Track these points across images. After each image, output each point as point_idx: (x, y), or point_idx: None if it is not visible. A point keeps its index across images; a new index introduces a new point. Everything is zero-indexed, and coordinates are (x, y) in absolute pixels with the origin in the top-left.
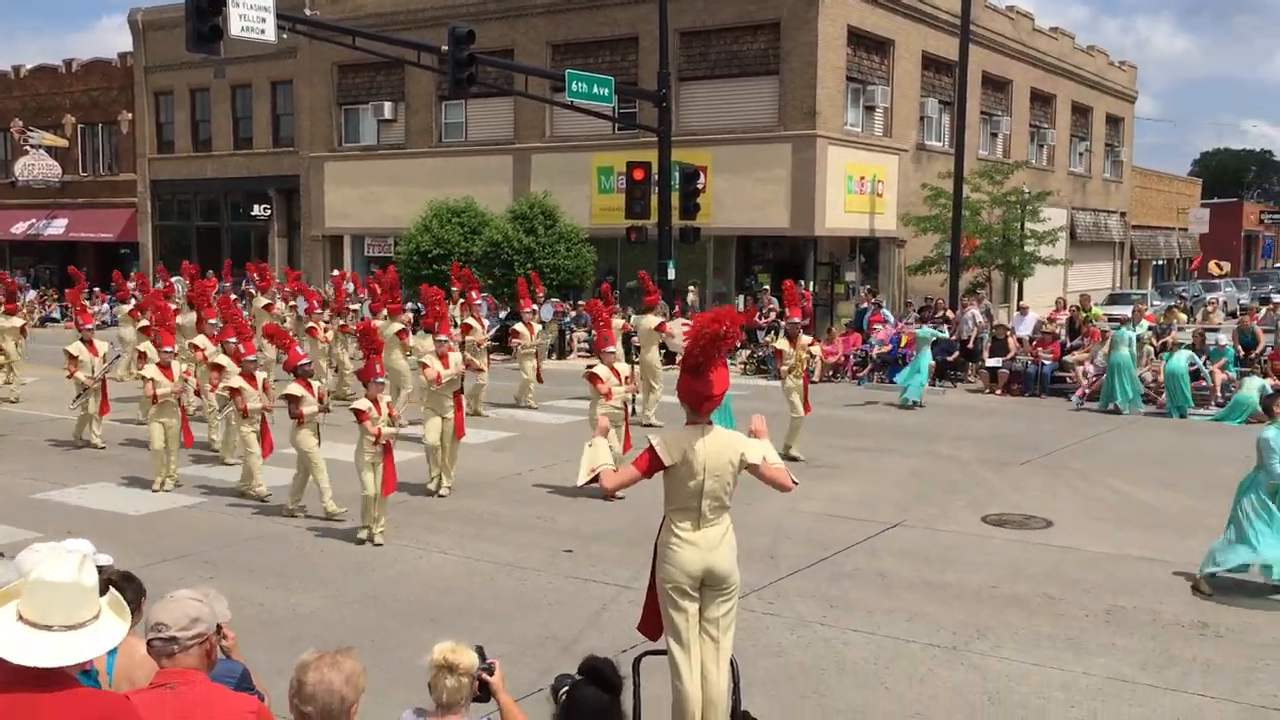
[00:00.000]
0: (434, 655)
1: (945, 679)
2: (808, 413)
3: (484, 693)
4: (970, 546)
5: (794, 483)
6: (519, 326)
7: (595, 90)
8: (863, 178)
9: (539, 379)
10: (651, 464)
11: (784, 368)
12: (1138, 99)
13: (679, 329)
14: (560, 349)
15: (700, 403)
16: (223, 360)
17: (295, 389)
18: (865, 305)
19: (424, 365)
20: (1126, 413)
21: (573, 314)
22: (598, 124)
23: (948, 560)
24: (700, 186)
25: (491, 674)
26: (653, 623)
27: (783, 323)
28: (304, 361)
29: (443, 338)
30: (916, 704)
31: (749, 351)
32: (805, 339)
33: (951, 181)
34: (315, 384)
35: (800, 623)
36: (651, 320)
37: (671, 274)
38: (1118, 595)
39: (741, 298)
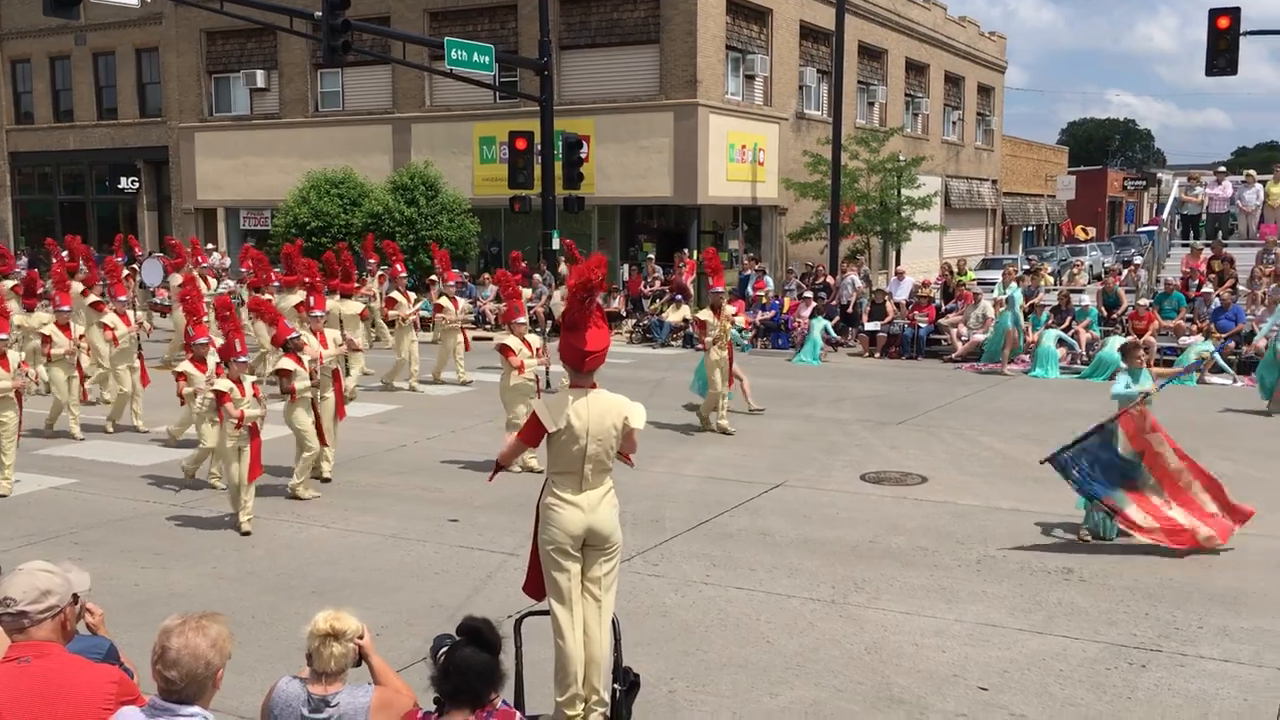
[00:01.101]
0: (316, 624)
1: (825, 631)
2: (730, 387)
3: (356, 657)
4: (849, 504)
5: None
6: (442, 301)
7: (475, 58)
8: (744, 146)
9: (467, 347)
10: (536, 431)
11: (708, 339)
12: (1007, 69)
13: (560, 297)
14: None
15: (580, 360)
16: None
17: (287, 363)
18: (748, 272)
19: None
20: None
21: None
22: (479, 93)
23: (828, 518)
24: (583, 156)
25: (362, 637)
26: (536, 584)
27: (702, 292)
28: (294, 335)
29: (318, 313)
30: (797, 656)
31: (634, 320)
32: (729, 309)
33: (830, 149)
34: (306, 358)
35: (685, 583)
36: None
37: (556, 244)
38: (988, 545)
39: (626, 267)
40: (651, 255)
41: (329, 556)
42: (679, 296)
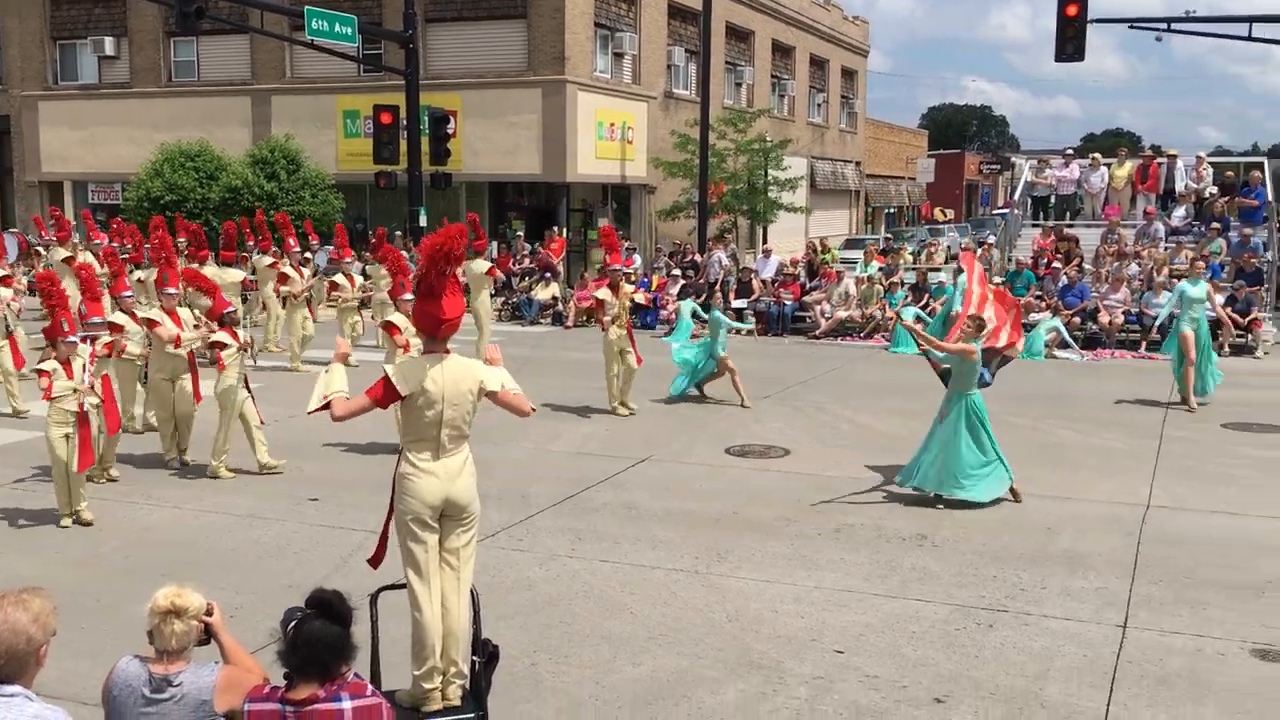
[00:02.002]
0: (156, 601)
1: (687, 600)
2: (640, 364)
3: (204, 635)
4: (714, 477)
5: (532, 409)
6: (338, 278)
7: (337, 29)
8: (613, 124)
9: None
10: (386, 393)
11: (607, 319)
12: (870, 54)
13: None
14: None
15: (436, 327)
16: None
17: (223, 337)
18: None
19: (152, 322)
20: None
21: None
22: (342, 65)
23: (692, 490)
24: (451, 131)
25: (210, 614)
26: (382, 554)
27: (604, 270)
28: (230, 309)
29: (171, 290)
30: (660, 625)
31: (503, 298)
32: (628, 287)
33: (698, 129)
34: (242, 332)
35: (550, 556)
36: (482, 265)
37: (423, 221)
38: (847, 514)
39: (495, 245)
40: (520, 233)
41: (182, 538)
42: (548, 274)
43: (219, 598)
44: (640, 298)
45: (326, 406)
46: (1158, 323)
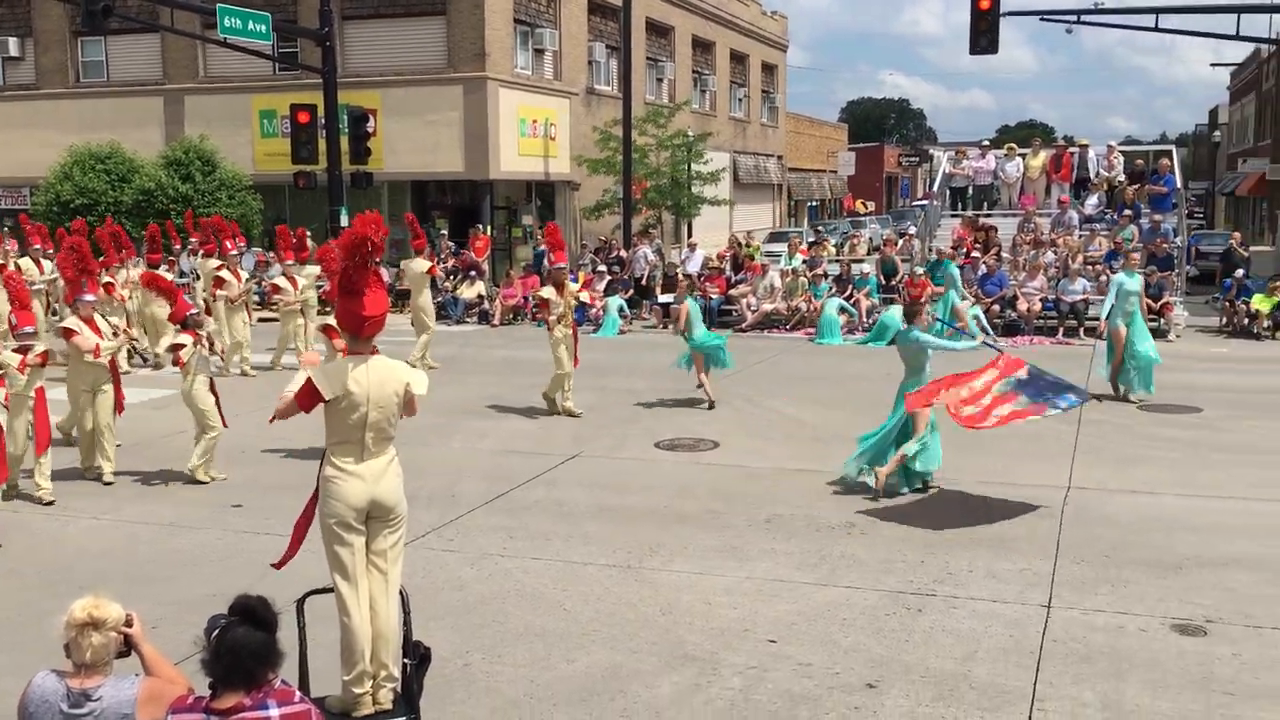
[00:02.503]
0: (73, 613)
1: (620, 595)
2: (576, 366)
3: (125, 647)
4: (644, 471)
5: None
6: (280, 281)
7: (251, 27)
8: (535, 121)
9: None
10: (312, 397)
11: (552, 318)
12: (789, 48)
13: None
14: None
15: (359, 325)
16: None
17: (183, 339)
18: (543, 248)
19: (69, 332)
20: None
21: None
22: (257, 64)
23: (623, 486)
24: (370, 130)
25: (129, 625)
26: (290, 556)
27: (548, 268)
28: (192, 311)
29: (89, 297)
30: (593, 622)
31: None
32: (573, 285)
33: (621, 125)
34: (204, 333)
35: (481, 556)
36: (421, 264)
37: (345, 221)
38: (776, 505)
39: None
40: (445, 232)
41: (100, 549)
42: (473, 273)
43: (139, 609)
44: (586, 296)
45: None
46: (1103, 316)
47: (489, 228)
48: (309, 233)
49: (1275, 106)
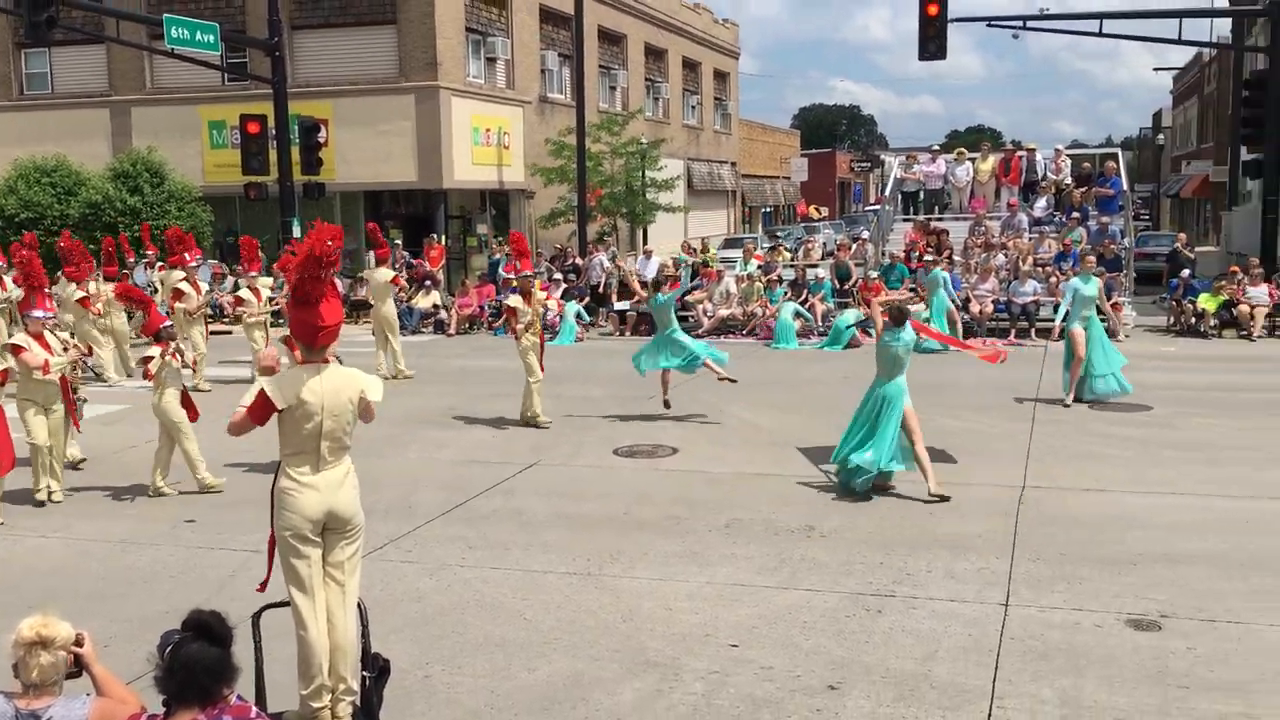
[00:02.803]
0: (21, 633)
1: (581, 603)
2: (541, 372)
3: (75, 667)
4: (603, 478)
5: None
6: (243, 293)
7: (199, 37)
8: (489, 130)
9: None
10: (265, 409)
11: (519, 325)
12: (741, 56)
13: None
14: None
15: (314, 335)
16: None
17: (153, 351)
18: (497, 257)
19: (17, 348)
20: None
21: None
22: (206, 74)
23: (582, 493)
24: (322, 140)
25: (80, 645)
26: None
27: (513, 277)
28: (166, 324)
29: (38, 313)
30: (554, 630)
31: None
32: (540, 293)
33: (575, 134)
34: (175, 345)
35: (440, 566)
36: (386, 274)
37: (296, 232)
38: (736, 510)
39: (371, 254)
40: (399, 242)
41: (50, 567)
42: (427, 283)
43: (91, 628)
44: (553, 305)
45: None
46: (1059, 320)
47: (443, 237)
48: (259, 244)
49: (1218, 110)
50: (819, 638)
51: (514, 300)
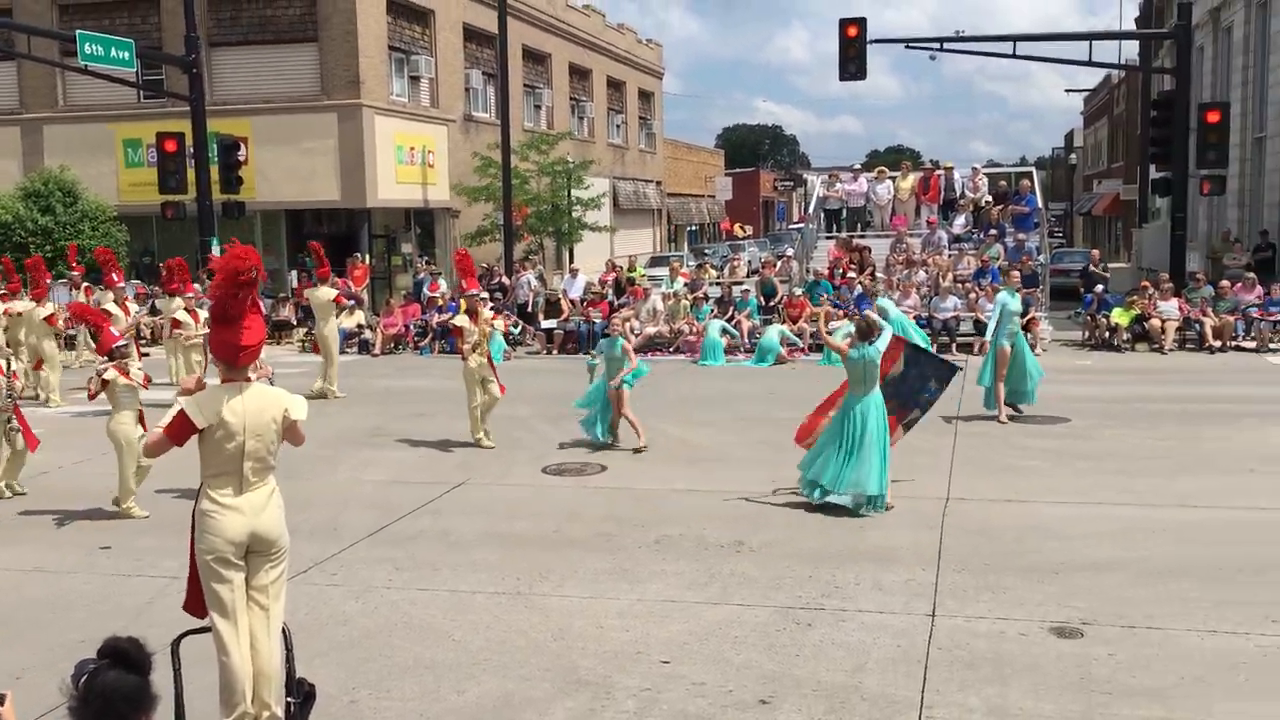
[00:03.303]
0: None
1: (510, 623)
2: (502, 392)
3: None
4: (532, 497)
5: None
6: (181, 315)
7: (114, 54)
8: (413, 148)
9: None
10: (184, 429)
11: (466, 346)
12: (665, 75)
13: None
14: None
15: (234, 355)
16: None
17: (111, 374)
18: (422, 275)
19: None
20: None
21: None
22: (121, 92)
23: (511, 512)
24: (242, 158)
25: (1, 704)
26: (198, 599)
27: (460, 296)
28: (120, 344)
29: None
30: (484, 651)
31: (305, 329)
32: (487, 312)
33: (500, 152)
34: (134, 368)
35: (366, 589)
36: (328, 292)
37: (216, 251)
38: (665, 526)
39: (294, 274)
40: None
41: None
42: (352, 302)
43: (2, 658)
44: (500, 324)
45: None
46: (987, 336)
47: (367, 256)
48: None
49: (1127, 130)
50: (750, 652)
51: (460, 320)
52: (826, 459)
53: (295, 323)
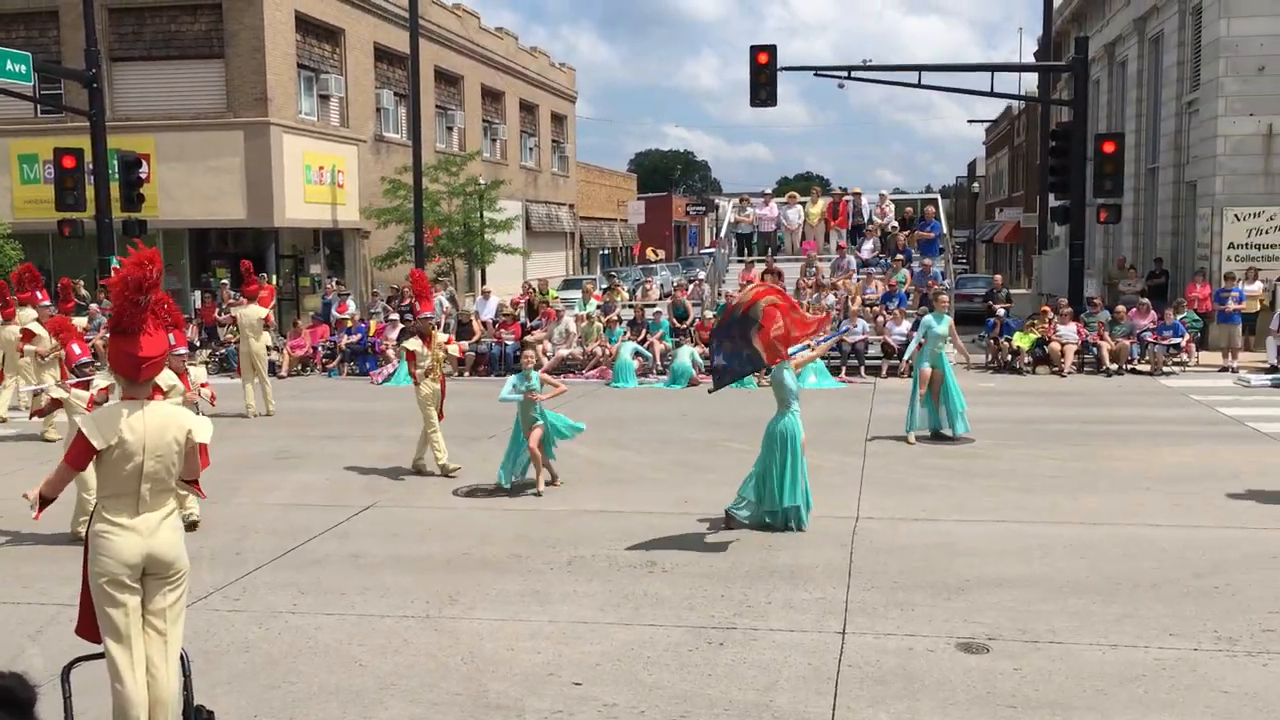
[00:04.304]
0: None
1: (420, 646)
2: (441, 419)
3: None
4: (442, 520)
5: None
6: (34, 327)
7: (10, 67)
8: (322, 168)
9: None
10: (84, 453)
11: (419, 370)
12: (577, 100)
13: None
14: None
15: (135, 368)
16: None
17: (59, 394)
18: (330, 296)
19: None
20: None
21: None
22: (16, 105)
23: (420, 535)
24: (144, 176)
25: None
26: (92, 624)
27: (413, 320)
28: (86, 360)
29: None
30: (391, 675)
31: (210, 350)
32: (441, 336)
33: (411, 173)
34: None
35: (269, 614)
36: (258, 311)
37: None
38: (578, 547)
39: (199, 294)
40: (226, 281)
41: None
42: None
43: None
44: (454, 349)
45: (46, 502)
46: (905, 357)
47: (274, 277)
48: (78, 283)
49: (1027, 160)
50: (662, 673)
51: (413, 344)
52: (760, 479)
53: (198, 344)
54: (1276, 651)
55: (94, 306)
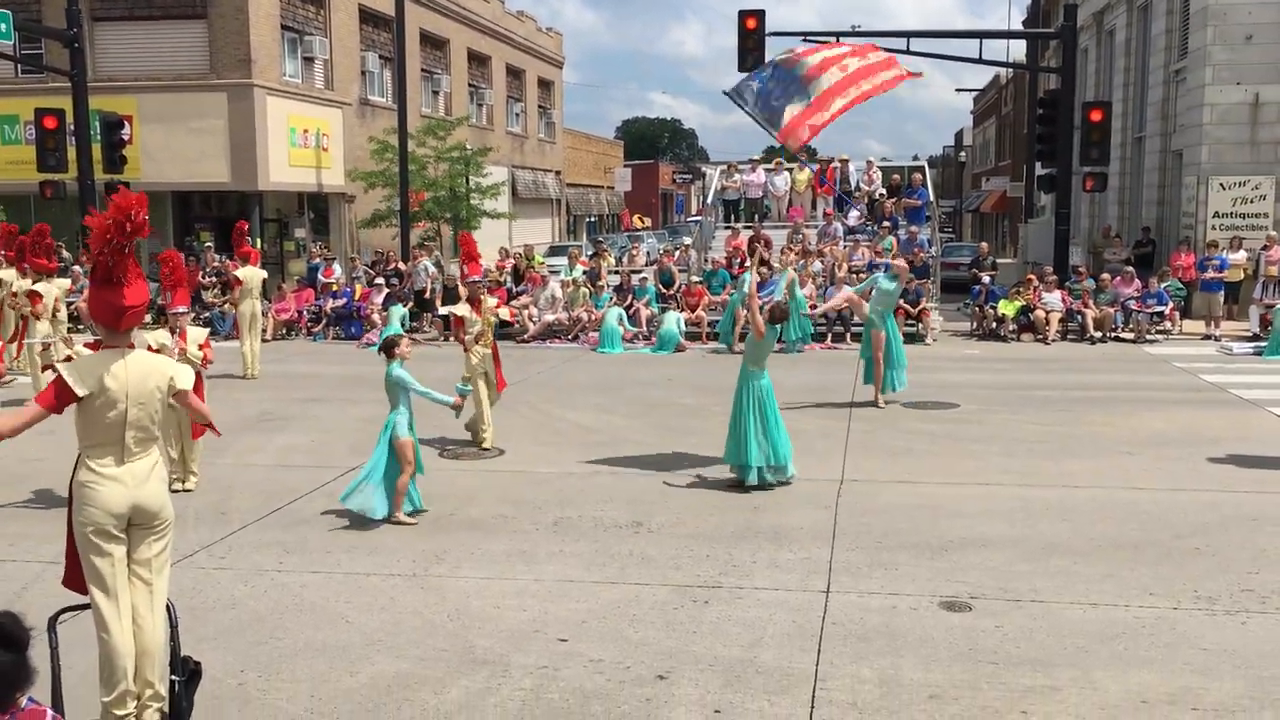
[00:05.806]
0: None
1: (406, 604)
2: (502, 389)
3: None
4: (430, 481)
5: (219, 432)
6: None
7: None
8: (306, 131)
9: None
10: (61, 396)
11: (467, 336)
12: (564, 65)
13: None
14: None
15: (116, 317)
16: None
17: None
18: (316, 260)
19: None
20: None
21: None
22: None
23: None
24: (126, 137)
25: None
26: (78, 574)
27: (461, 285)
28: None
29: None
30: (378, 632)
31: (194, 314)
32: (490, 300)
33: (396, 136)
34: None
35: (255, 572)
36: (260, 273)
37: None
38: (564, 508)
39: (183, 257)
40: (210, 244)
41: None
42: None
43: None
44: (505, 313)
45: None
46: (855, 290)
47: (258, 240)
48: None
49: (1014, 129)
50: (647, 630)
51: (462, 309)
52: (746, 440)
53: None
54: (1255, 610)
55: (76, 269)
